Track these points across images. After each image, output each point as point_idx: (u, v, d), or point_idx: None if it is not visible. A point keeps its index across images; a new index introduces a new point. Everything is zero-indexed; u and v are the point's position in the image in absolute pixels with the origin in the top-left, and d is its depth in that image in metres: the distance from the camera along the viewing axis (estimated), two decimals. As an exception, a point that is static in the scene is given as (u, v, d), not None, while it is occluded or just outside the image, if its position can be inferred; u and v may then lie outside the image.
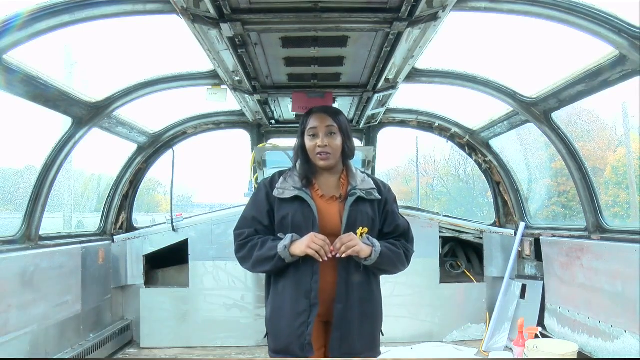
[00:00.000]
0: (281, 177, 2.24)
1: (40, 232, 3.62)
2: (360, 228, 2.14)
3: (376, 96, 3.82)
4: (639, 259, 3.19)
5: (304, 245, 2.08)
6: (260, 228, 2.22)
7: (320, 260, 2.08)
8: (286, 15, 2.47)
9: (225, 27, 2.49)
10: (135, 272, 4.92)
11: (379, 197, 2.24)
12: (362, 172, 2.32)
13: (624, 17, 2.57)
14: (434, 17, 2.49)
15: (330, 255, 2.09)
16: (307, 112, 2.28)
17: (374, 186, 2.26)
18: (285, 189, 2.19)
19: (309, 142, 2.22)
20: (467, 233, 5.19)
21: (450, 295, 5.02)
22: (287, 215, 2.15)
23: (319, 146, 2.18)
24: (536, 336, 3.90)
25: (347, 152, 2.25)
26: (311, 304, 2.11)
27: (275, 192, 2.19)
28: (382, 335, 2.32)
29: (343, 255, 2.09)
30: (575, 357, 3.56)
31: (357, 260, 2.14)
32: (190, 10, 2.39)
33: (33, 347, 3.40)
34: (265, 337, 2.28)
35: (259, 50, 2.97)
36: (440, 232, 5.09)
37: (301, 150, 2.25)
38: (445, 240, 5.32)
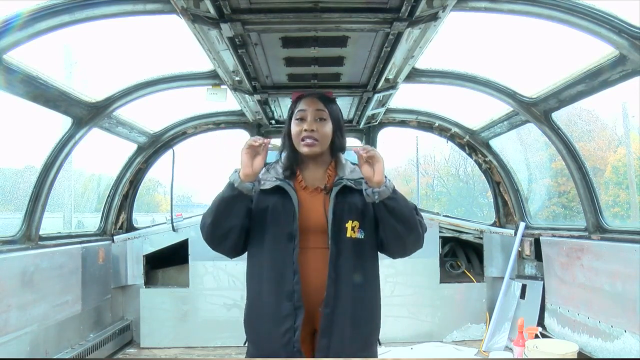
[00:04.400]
0: (263, 169, 2.01)
1: (40, 232, 3.62)
2: (350, 222, 1.90)
3: (376, 96, 3.82)
4: (639, 259, 3.18)
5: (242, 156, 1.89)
6: None
7: (257, 143, 1.89)
8: (286, 15, 2.47)
9: (225, 27, 2.49)
10: (135, 272, 4.92)
11: None
12: (353, 164, 2.03)
13: (624, 17, 2.57)
14: (434, 17, 2.49)
15: (264, 142, 1.89)
16: (298, 97, 2.04)
17: None
18: (267, 180, 1.97)
19: (294, 127, 1.97)
20: (467, 233, 5.19)
21: (450, 295, 5.02)
22: (267, 208, 1.93)
23: (305, 130, 1.94)
24: (536, 336, 3.91)
25: (336, 144, 2.00)
26: (295, 307, 1.85)
27: (256, 184, 1.96)
28: (380, 344, 2.03)
29: (365, 154, 1.82)
30: (575, 357, 3.57)
31: (367, 197, 1.86)
32: (190, 10, 2.39)
33: (33, 347, 3.40)
34: (245, 343, 2.07)
35: (259, 50, 2.97)
36: (440, 232, 5.10)
37: (287, 138, 2.01)
38: (445, 240, 5.32)
